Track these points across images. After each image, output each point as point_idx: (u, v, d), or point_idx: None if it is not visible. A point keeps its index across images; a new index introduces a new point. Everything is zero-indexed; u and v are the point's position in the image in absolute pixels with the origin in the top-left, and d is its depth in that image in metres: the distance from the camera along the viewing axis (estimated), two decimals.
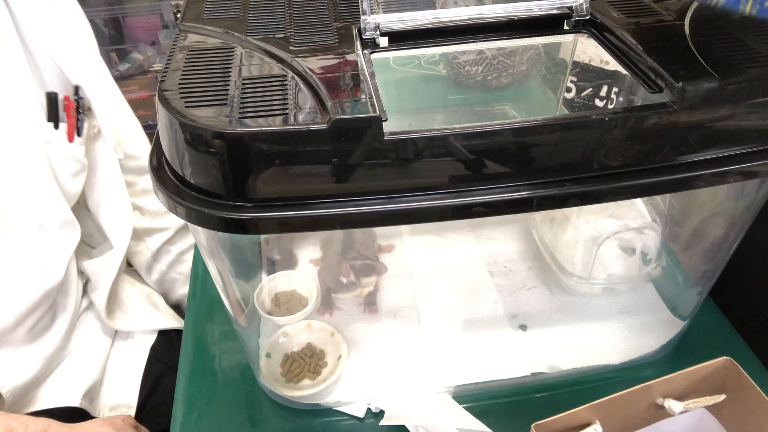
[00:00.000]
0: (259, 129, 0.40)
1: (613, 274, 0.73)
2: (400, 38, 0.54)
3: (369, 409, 0.66)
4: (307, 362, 0.69)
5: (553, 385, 0.69)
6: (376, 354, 0.71)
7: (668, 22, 0.53)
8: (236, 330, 0.69)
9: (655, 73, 0.47)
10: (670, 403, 0.50)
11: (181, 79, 0.46)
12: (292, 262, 0.80)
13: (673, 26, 0.53)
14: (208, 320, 0.79)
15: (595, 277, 0.73)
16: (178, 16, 0.71)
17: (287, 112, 0.42)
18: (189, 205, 0.43)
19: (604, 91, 0.66)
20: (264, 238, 0.76)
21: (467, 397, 0.67)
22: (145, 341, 0.90)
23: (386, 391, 0.67)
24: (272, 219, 0.42)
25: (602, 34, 0.55)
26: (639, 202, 0.71)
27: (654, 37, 0.51)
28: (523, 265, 0.80)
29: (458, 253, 0.82)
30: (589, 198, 0.45)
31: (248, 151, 0.41)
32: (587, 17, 0.55)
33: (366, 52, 0.52)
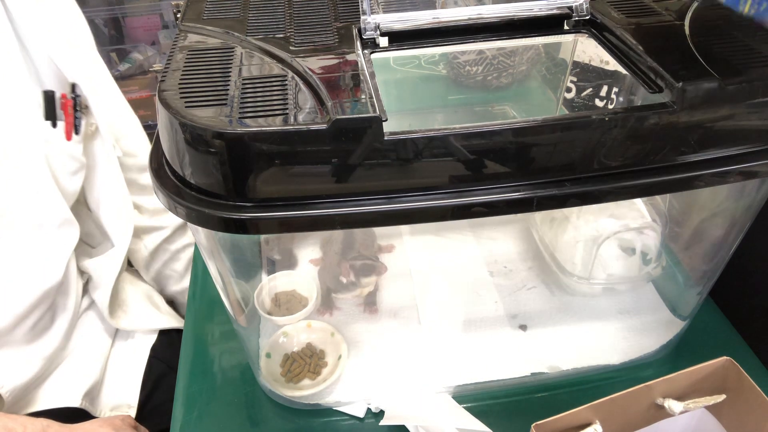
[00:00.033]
0: (259, 129, 0.40)
1: (613, 274, 0.73)
2: (400, 38, 0.54)
3: (369, 409, 0.66)
4: (307, 362, 0.69)
5: (553, 385, 0.69)
6: (376, 354, 0.71)
7: (668, 22, 0.53)
8: (236, 330, 0.69)
9: (655, 73, 0.47)
10: (670, 403, 0.50)
11: (181, 79, 0.46)
12: (292, 262, 0.80)
13: (673, 26, 0.53)
14: (208, 320, 0.79)
15: (595, 277, 0.73)
16: (178, 16, 0.71)
17: (287, 112, 0.42)
18: (189, 205, 0.43)
19: (604, 91, 0.66)
20: (264, 238, 0.76)
21: (467, 397, 0.67)
22: (145, 341, 0.89)
23: (386, 391, 0.67)
24: (272, 219, 0.42)
25: (602, 34, 0.55)
26: (639, 202, 0.71)
27: (654, 37, 0.51)
28: (523, 265, 0.80)
29: (458, 253, 0.82)
30: (589, 198, 0.45)
31: (248, 151, 0.41)
32: (587, 17, 0.55)
33: (366, 52, 0.52)
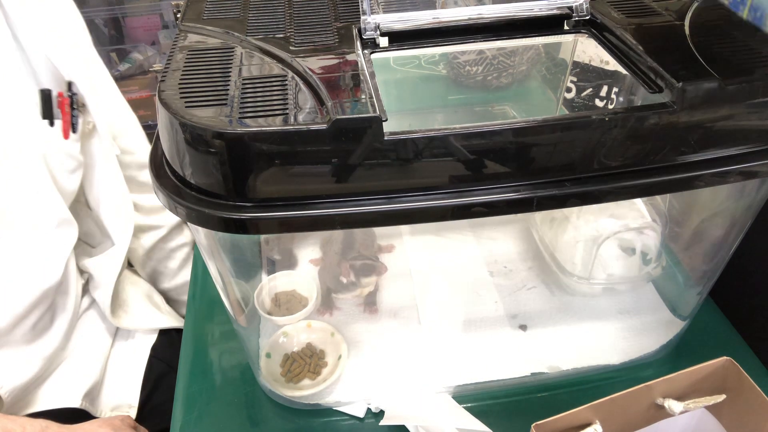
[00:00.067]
0: (259, 129, 0.40)
1: (613, 274, 0.73)
2: (400, 38, 0.54)
3: (369, 409, 0.66)
4: (307, 362, 0.69)
5: (553, 385, 0.69)
6: (376, 354, 0.71)
7: (668, 22, 0.53)
8: (236, 330, 0.69)
9: (655, 73, 0.47)
10: (670, 403, 0.50)
11: (181, 79, 0.46)
12: (292, 262, 0.80)
13: (673, 26, 0.53)
14: (208, 320, 0.79)
15: (595, 277, 0.73)
16: (178, 16, 0.71)
17: (287, 112, 0.42)
18: (189, 205, 0.43)
19: (604, 91, 0.66)
20: (264, 238, 0.76)
21: (467, 397, 0.67)
22: (145, 341, 0.89)
23: (386, 391, 0.67)
24: (272, 219, 0.42)
25: (602, 34, 0.55)
26: (639, 202, 0.71)
27: (654, 37, 0.51)
28: (523, 265, 0.80)
29: (458, 253, 0.82)
30: (589, 198, 0.45)
31: (248, 151, 0.41)
32: (587, 17, 0.55)
33: (366, 52, 0.52)
